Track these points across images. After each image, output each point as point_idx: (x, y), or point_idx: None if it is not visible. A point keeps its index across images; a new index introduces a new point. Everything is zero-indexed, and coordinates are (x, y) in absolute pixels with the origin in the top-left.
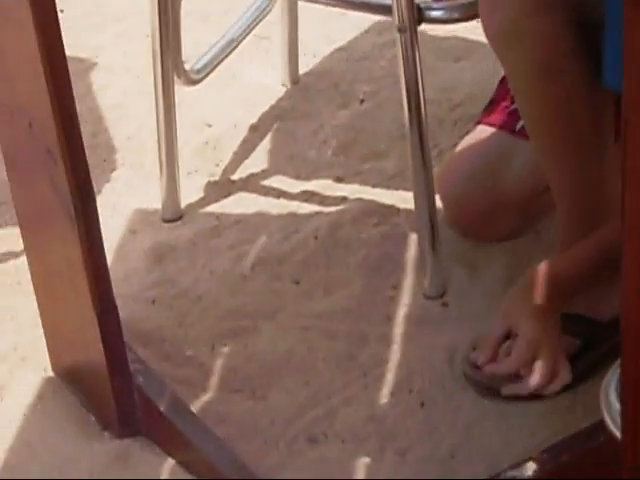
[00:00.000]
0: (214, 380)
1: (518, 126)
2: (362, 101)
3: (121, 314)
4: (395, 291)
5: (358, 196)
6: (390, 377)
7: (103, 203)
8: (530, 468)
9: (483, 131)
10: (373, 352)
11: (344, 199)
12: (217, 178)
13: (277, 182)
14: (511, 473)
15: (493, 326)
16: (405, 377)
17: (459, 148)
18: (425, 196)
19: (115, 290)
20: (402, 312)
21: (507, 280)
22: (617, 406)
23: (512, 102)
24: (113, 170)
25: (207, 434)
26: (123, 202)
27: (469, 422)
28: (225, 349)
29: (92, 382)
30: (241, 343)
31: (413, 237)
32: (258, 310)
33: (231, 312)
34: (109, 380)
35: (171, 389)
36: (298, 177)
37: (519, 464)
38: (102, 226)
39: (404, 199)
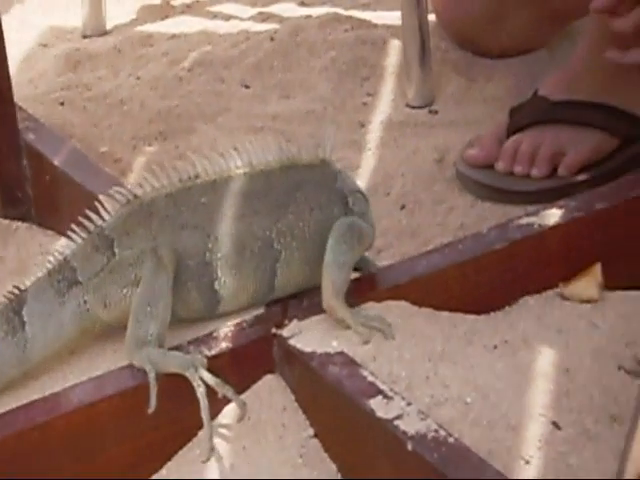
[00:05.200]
0: (132, 177)
1: None
2: None
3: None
4: (370, 98)
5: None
6: (362, 181)
7: (9, 20)
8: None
9: None
10: (342, 156)
11: (309, 16)
12: (154, 2)
13: (228, 9)
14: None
15: (498, 122)
16: (382, 181)
17: None
18: None
19: (15, 94)
20: (379, 119)
21: (512, 93)
22: None
23: None
24: None
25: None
26: (35, 19)
27: (464, 223)
28: (150, 148)
29: None
30: (172, 143)
31: (395, 43)
32: (195, 111)
33: (161, 114)
34: None
35: (71, 144)
36: (255, 4)
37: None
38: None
39: (384, 17)
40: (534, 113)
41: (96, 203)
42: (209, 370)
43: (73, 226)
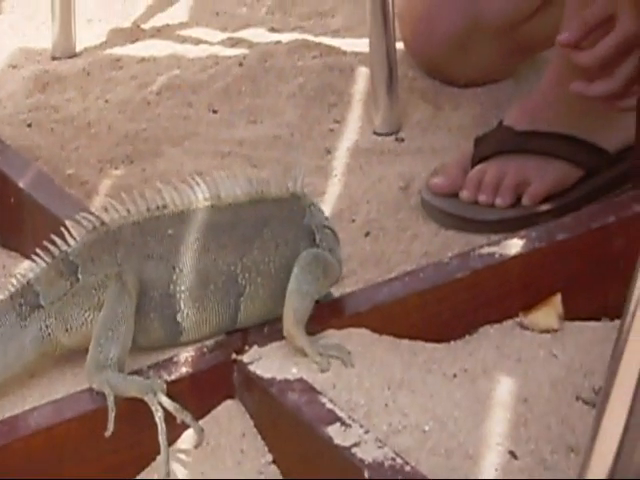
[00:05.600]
0: (98, 200)
1: None
2: None
3: None
4: (337, 125)
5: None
6: (327, 208)
7: None
8: None
9: None
10: (307, 182)
11: (278, 42)
12: (124, 26)
13: (198, 33)
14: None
15: (463, 151)
16: (347, 207)
17: None
18: (381, 16)
19: None
20: (345, 145)
21: (478, 122)
22: None
23: None
24: None
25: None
26: (5, 40)
27: (428, 251)
28: (116, 171)
29: None
30: (138, 167)
31: (363, 70)
32: (162, 135)
33: (128, 137)
34: None
35: (37, 166)
36: (225, 30)
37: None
38: None
39: (353, 44)
40: (499, 143)
41: (62, 228)
42: (168, 395)
43: (38, 250)
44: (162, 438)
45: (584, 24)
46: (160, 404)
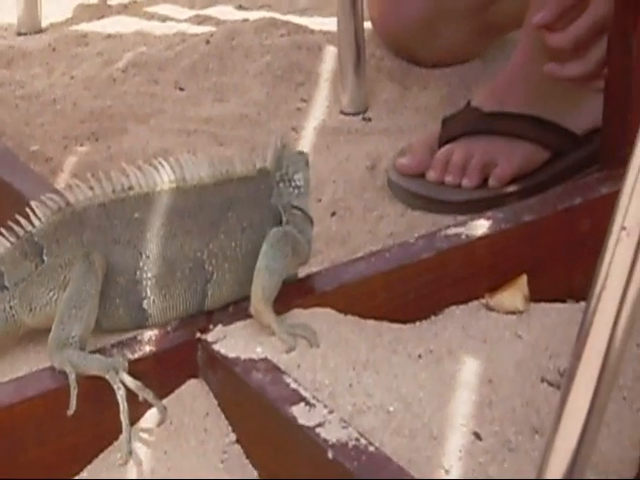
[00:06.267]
0: (62, 177)
1: None
2: None
3: None
4: (304, 104)
5: (264, 15)
6: None
7: None
8: None
9: None
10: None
11: (246, 20)
12: (90, 2)
13: (165, 10)
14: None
15: (430, 131)
16: (313, 187)
17: None
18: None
19: None
20: (312, 125)
21: (445, 103)
22: None
23: None
24: None
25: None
26: None
27: (394, 231)
28: (81, 148)
29: None
30: (104, 144)
31: (331, 50)
32: (128, 113)
33: (93, 114)
34: None
35: (1, 142)
36: (192, 7)
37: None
38: None
39: (321, 23)
40: (466, 124)
41: (27, 208)
42: (131, 374)
43: (1, 230)
44: (124, 416)
45: (558, 5)
46: (122, 382)
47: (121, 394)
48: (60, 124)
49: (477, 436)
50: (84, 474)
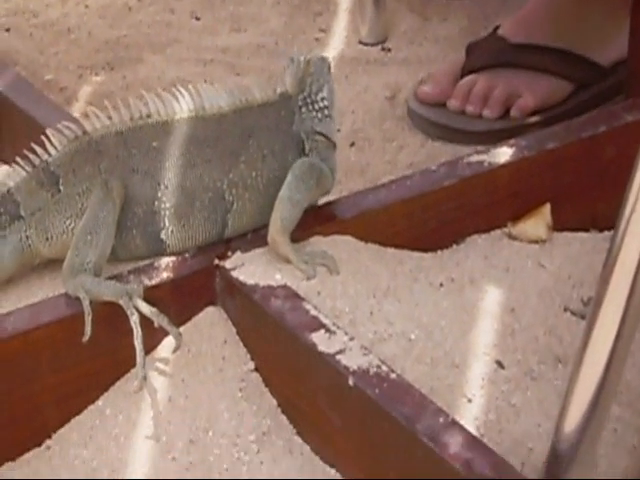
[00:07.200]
0: (77, 106)
1: None
2: None
3: None
4: (323, 34)
5: None
6: None
7: None
8: None
9: None
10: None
11: None
12: None
13: None
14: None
15: (452, 61)
16: None
17: None
18: None
19: None
20: (331, 55)
21: (465, 34)
22: None
23: None
24: None
25: (56, 113)
26: None
27: (414, 162)
28: (96, 78)
29: None
30: (119, 73)
31: None
32: (144, 42)
33: (109, 43)
34: None
35: (15, 70)
36: None
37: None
38: None
39: None
40: (492, 55)
41: (42, 136)
42: (148, 301)
43: (18, 159)
44: (137, 342)
45: None
46: (136, 308)
47: (134, 320)
48: (75, 53)
49: (500, 365)
50: (100, 402)
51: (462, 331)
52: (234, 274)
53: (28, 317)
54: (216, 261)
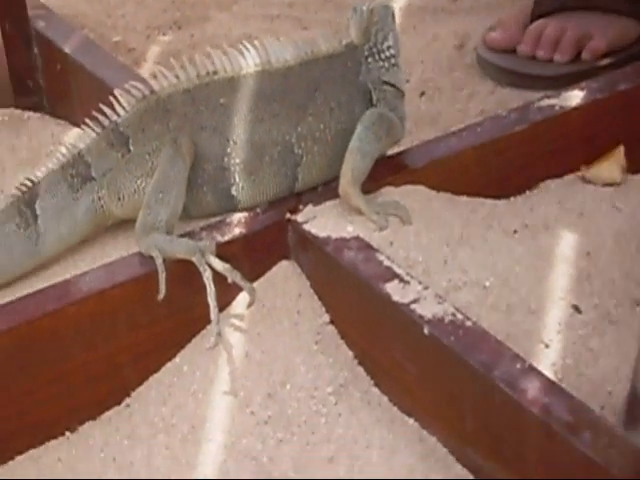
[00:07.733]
0: (145, 67)
1: None
2: None
3: None
4: None
5: None
6: None
7: None
8: None
9: None
10: None
11: None
12: None
13: None
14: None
15: (521, 6)
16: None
17: None
18: None
19: None
20: (398, 5)
21: None
22: None
23: None
24: None
25: (125, 74)
26: None
27: (484, 109)
28: (164, 38)
29: None
30: (186, 32)
31: None
32: (210, 0)
33: (175, 3)
34: None
35: (83, 32)
36: None
37: None
38: None
39: None
40: None
41: (111, 97)
42: (221, 257)
43: (87, 120)
44: (211, 298)
45: None
46: (209, 264)
47: (207, 276)
48: (142, 14)
49: (576, 309)
50: (177, 359)
51: (537, 277)
52: (306, 227)
53: (103, 277)
54: (288, 215)
